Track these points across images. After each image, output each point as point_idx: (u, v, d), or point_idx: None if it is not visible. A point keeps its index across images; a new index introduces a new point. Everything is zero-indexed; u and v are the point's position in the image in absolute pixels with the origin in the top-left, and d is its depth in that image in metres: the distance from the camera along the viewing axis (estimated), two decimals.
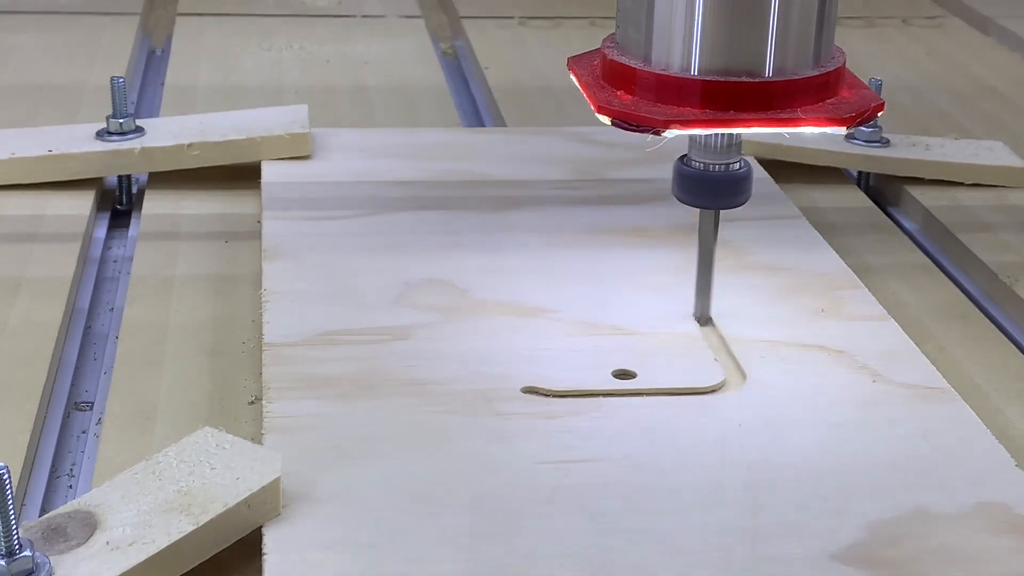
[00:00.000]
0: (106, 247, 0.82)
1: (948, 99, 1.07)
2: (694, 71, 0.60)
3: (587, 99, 0.61)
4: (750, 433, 0.59)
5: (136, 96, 1.06)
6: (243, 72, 1.07)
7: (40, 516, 0.52)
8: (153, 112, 1.01)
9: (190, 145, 0.84)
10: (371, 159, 0.86)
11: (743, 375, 0.64)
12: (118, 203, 0.86)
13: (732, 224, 0.79)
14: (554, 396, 0.62)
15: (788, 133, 0.60)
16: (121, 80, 0.85)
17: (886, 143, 0.91)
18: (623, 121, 0.59)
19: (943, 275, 0.79)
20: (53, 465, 0.61)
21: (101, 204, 0.85)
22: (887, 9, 1.31)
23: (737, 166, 0.64)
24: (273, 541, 0.51)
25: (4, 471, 0.48)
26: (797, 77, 0.60)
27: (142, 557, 0.49)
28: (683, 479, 0.56)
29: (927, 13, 1.31)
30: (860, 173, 0.92)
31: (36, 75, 1.04)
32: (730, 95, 0.59)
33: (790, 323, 0.69)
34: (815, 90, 0.60)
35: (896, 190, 0.91)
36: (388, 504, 0.54)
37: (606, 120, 0.60)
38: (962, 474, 0.57)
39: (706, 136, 0.63)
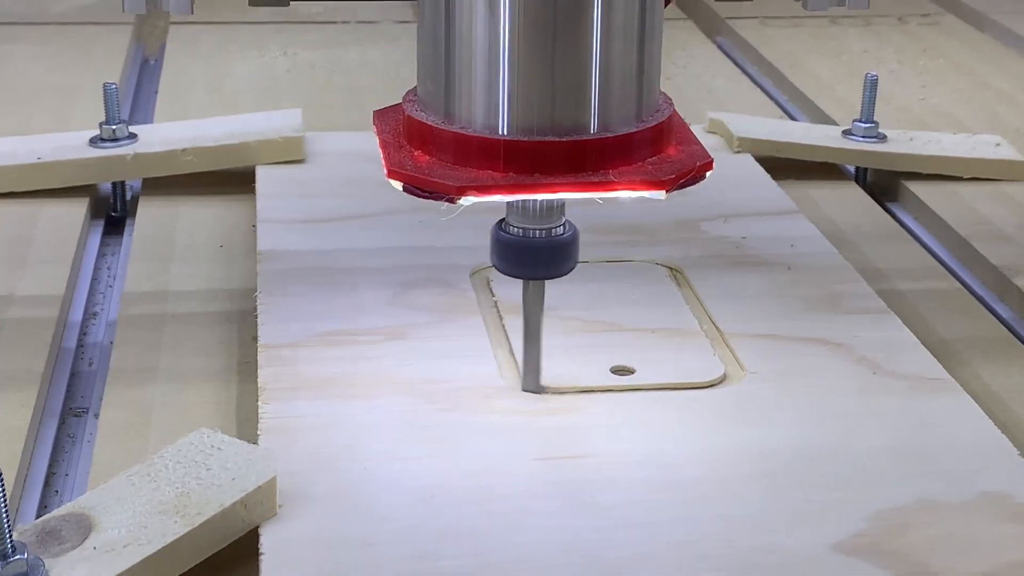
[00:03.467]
0: (101, 254, 0.82)
1: (945, 95, 1.07)
2: (497, 130, 0.53)
3: (383, 161, 0.55)
4: (750, 426, 0.59)
5: (130, 105, 1.06)
6: (237, 79, 1.07)
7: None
8: (147, 121, 1.00)
9: (184, 150, 0.84)
10: (365, 162, 0.86)
11: (742, 369, 0.63)
12: (112, 210, 0.86)
13: (731, 220, 0.79)
14: (553, 393, 0.61)
15: (601, 199, 0.53)
16: (114, 86, 0.85)
17: (883, 138, 0.90)
18: (415, 187, 0.53)
19: (942, 268, 0.79)
20: (49, 470, 0.61)
21: (95, 211, 0.85)
22: (883, 8, 1.31)
23: (560, 231, 0.57)
24: (270, 541, 0.51)
25: None
26: (610, 135, 0.53)
27: (137, 559, 0.48)
28: (684, 473, 0.56)
29: (923, 11, 1.31)
30: (858, 168, 0.92)
31: (29, 85, 1.04)
32: (535, 156, 0.52)
33: (789, 317, 0.68)
34: (633, 149, 0.54)
35: (894, 185, 0.90)
36: (386, 502, 0.53)
37: (398, 185, 0.54)
38: (965, 463, 0.56)
39: (522, 201, 0.56)
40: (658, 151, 0.55)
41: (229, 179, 0.85)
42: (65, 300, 0.72)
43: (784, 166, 0.89)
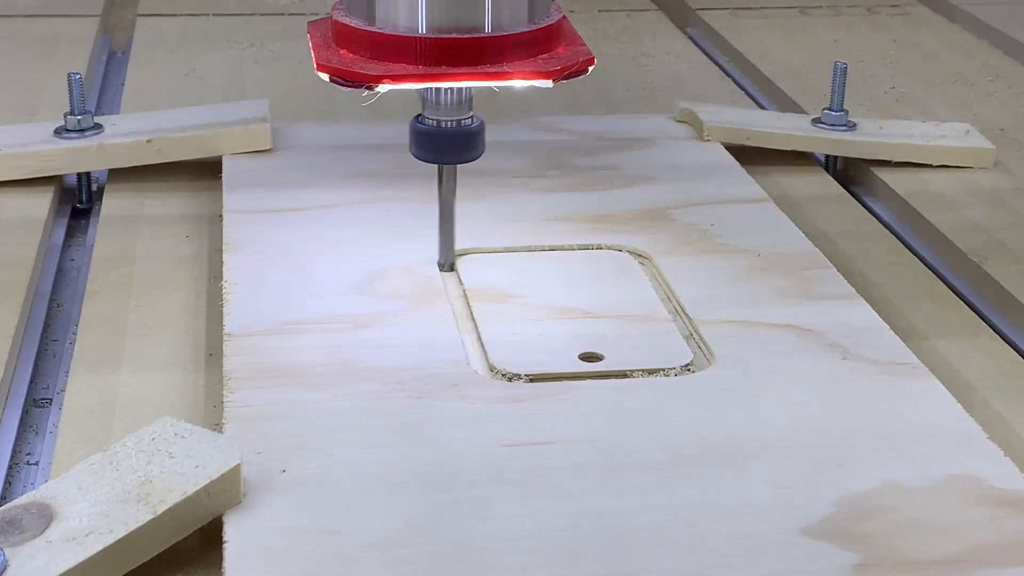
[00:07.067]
0: (65, 245, 0.81)
1: (916, 85, 1.07)
2: (412, 29, 0.62)
3: (313, 57, 0.64)
4: (719, 412, 0.58)
5: (97, 97, 1.05)
6: (205, 71, 1.06)
7: None
8: (114, 113, 0.99)
9: (150, 140, 0.83)
10: (333, 152, 0.85)
11: (712, 355, 0.63)
12: (78, 201, 0.85)
13: (700, 207, 0.78)
14: (521, 380, 0.61)
15: (498, 87, 0.63)
16: (78, 76, 0.84)
17: (853, 127, 0.90)
18: (339, 77, 0.62)
19: (912, 255, 0.79)
20: (12, 461, 0.60)
21: (61, 202, 0.84)
22: None
23: (469, 122, 0.66)
24: (234, 529, 0.50)
25: None
26: (506, 33, 0.63)
27: (99, 547, 0.48)
28: (651, 459, 0.55)
29: (892, 1, 1.31)
30: (828, 157, 0.92)
31: None
32: (441, 51, 0.62)
33: (758, 303, 0.68)
34: (526, 45, 0.63)
35: (864, 173, 0.90)
36: (352, 490, 0.53)
37: (325, 76, 0.63)
38: (932, 447, 0.56)
39: (436, 93, 0.65)
40: (548, 49, 0.64)
41: (195, 169, 0.84)
42: (29, 291, 0.72)
43: (754, 154, 0.89)
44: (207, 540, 0.51)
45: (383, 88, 0.62)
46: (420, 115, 0.66)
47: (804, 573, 0.49)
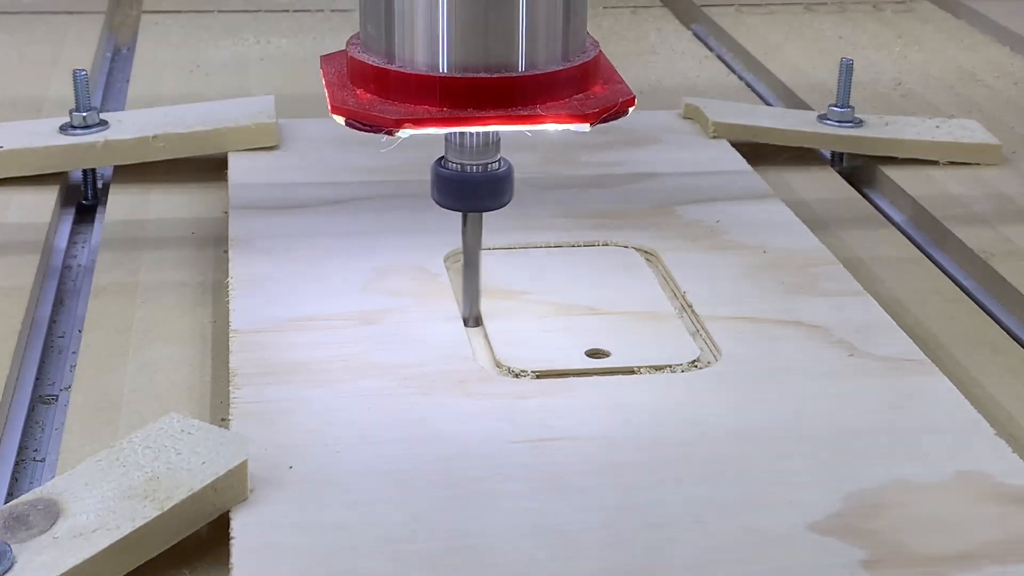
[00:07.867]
0: (71, 242, 0.81)
1: (922, 81, 1.07)
2: (434, 68, 0.57)
3: (327, 98, 0.58)
4: (726, 408, 0.58)
5: (102, 94, 1.05)
6: (210, 68, 1.06)
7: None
8: (119, 110, 0.99)
9: (155, 137, 0.83)
10: (339, 149, 0.85)
11: (718, 351, 0.63)
12: (83, 198, 0.85)
13: (706, 204, 0.78)
14: (527, 376, 0.61)
15: (530, 132, 0.57)
16: (83, 72, 0.84)
17: (859, 123, 0.90)
18: (355, 121, 0.57)
19: (918, 251, 0.79)
20: (18, 457, 0.60)
21: (66, 199, 0.84)
22: None
23: (496, 166, 0.61)
24: (240, 525, 0.50)
25: None
26: (539, 72, 0.57)
27: (106, 543, 0.48)
28: (658, 455, 0.55)
29: None
30: (834, 154, 0.91)
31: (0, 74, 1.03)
32: (468, 92, 0.56)
33: (765, 300, 0.68)
34: (561, 86, 0.58)
35: (870, 170, 0.90)
36: (358, 486, 0.53)
37: (340, 120, 0.57)
38: (941, 444, 0.56)
39: (461, 136, 0.60)
40: (584, 88, 0.59)
41: (201, 166, 0.84)
42: (35, 287, 0.72)
43: (760, 151, 0.89)
44: (214, 536, 0.51)
45: (404, 133, 0.56)
46: (443, 158, 0.61)
47: (812, 569, 0.49)
